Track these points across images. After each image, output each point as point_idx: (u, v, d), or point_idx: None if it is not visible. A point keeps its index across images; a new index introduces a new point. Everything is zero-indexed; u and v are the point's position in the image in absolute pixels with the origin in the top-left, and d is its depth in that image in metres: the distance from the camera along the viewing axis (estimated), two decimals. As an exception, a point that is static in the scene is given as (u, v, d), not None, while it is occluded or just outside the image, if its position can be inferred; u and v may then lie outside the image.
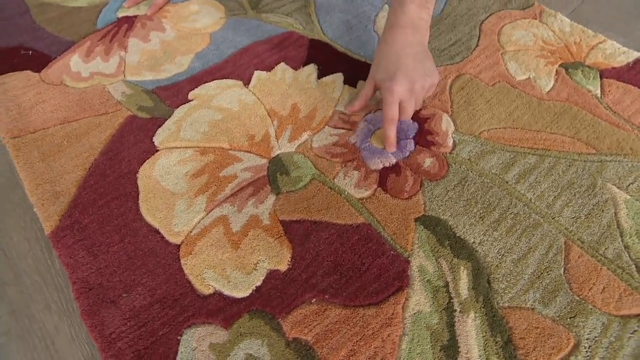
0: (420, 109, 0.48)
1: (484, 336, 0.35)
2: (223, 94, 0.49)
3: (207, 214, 0.40)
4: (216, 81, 0.50)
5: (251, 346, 0.34)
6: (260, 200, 0.41)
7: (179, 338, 0.34)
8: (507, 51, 0.53)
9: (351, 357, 0.34)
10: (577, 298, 0.37)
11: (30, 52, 0.50)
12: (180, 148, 0.45)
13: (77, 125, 0.45)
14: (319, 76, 0.51)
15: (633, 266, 0.38)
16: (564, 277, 0.38)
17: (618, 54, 0.54)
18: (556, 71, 0.52)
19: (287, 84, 0.50)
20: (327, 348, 0.34)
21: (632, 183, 0.43)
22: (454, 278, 0.37)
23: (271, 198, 0.42)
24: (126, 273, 0.37)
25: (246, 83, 0.51)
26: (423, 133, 0.46)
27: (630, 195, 0.42)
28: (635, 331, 0.35)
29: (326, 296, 0.36)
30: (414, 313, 0.36)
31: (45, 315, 0.35)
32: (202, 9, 0.59)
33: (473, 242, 0.39)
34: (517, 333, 0.35)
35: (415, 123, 0.47)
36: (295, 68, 0.52)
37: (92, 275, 0.36)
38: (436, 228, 0.40)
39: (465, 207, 0.41)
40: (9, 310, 0.35)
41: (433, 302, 0.36)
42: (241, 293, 0.36)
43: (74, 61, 0.50)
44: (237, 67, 0.52)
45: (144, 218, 0.40)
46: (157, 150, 0.44)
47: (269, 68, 0.52)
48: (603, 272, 0.38)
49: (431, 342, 0.34)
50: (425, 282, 0.37)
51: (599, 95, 0.50)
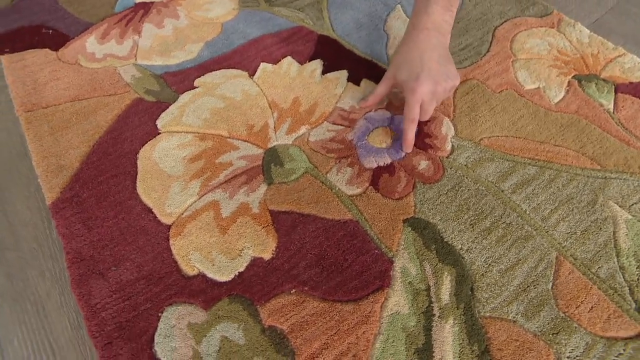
0: (421, 111, 0.48)
1: (461, 344, 0.35)
2: (228, 83, 0.50)
3: (200, 198, 0.42)
4: (222, 70, 0.52)
5: (227, 329, 0.35)
6: (252, 188, 0.43)
7: (160, 314, 0.35)
8: (519, 59, 0.53)
9: (324, 351, 0.34)
10: (562, 315, 0.36)
11: (50, 31, 0.53)
12: (181, 132, 0.46)
13: (87, 103, 0.47)
14: (324, 72, 0.52)
15: (626, 288, 0.37)
16: (551, 292, 0.37)
17: (638, 69, 0.53)
18: (568, 82, 0.51)
19: (291, 78, 0.51)
20: (301, 339, 0.35)
21: (636, 203, 0.42)
22: (437, 283, 0.37)
23: (263, 188, 0.43)
24: (117, 248, 0.38)
25: (251, 74, 0.52)
26: (421, 135, 0.46)
27: (632, 215, 0.41)
28: (620, 354, 0.35)
29: (306, 288, 0.37)
30: (392, 313, 0.36)
31: (39, 281, 0.37)
32: (218, -1, 0.61)
33: (460, 249, 0.39)
34: (496, 344, 0.35)
35: (414, 125, 0.47)
36: (301, 62, 0.53)
37: (85, 247, 0.38)
38: (424, 231, 0.40)
39: (456, 213, 0.41)
40: (6, 273, 0.38)
41: (412, 305, 0.36)
42: (224, 277, 0.38)
43: (90, 42, 0.53)
44: (245, 58, 0.53)
45: (140, 197, 0.42)
46: (159, 133, 0.46)
47: (276, 61, 0.53)
48: (593, 291, 0.37)
49: (406, 344, 0.34)
50: (406, 284, 0.37)
51: (612, 110, 0.49)
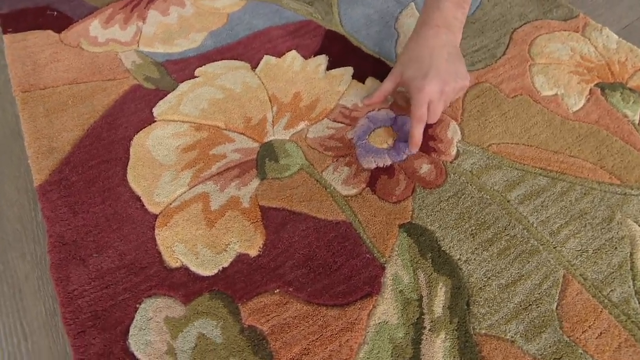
0: (427, 113, 0.47)
1: (451, 360, 0.33)
2: (228, 74, 0.51)
3: (190, 189, 0.42)
4: (224, 61, 0.52)
5: (205, 326, 0.35)
6: (244, 182, 0.42)
7: (138, 306, 0.35)
8: (537, 63, 0.51)
9: (304, 356, 0.33)
10: (567, 339, 0.34)
11: (55, 13, 0.54)
12: (177, 122, 0.47)
13: (85, 87, 0.48)
14: (329, 68, 0.52)
15: (641, 315, 0.35)
16: (556, 313, 0.35)
17: (668, 80, 0.51)
18: (590, 90, 0.49)
19: (294, 72, 0.51)
20: (281, 342, 0.34)
21: (657, 223, 0.40)
22: (430, 293, 0.36)
23: (255, 182, 0.42)
24: (101, 234, 0.39)
25: (254, 66, 0.52)
26: (425, 138, 0.45)
27: (652, 235, 0.39)
28: (628, 387, 0.33)
29: (290, 289, 0.36)
30: (379, 322, 0.35)
31: (19, 263, 0.38)
32: (227, -10, 0.61)
33: (458, 259, 0.38)
34: (490, 364, 0.33)
35: (419, 126, 0.46)
36: (306, 57, 0.53)
37: (69, 231, 0.39)
38: (420, 238, 0.39)
39: (456, 221, 0.40)
40: (-11, 252, 0.38)
41: (402, 315, 0.35)
42: (207, 271, 0.37)
43: (94, 26, 0.54)
44: (248, 50, 0.53)
45: (129, 184, 0.42)
46: (155, 121, 0.47)
47: (280, 54, 0.53)
48: (603, 316, 0.35)
49: (392, 357, 0.33)
50: (397, 292, 0.36)
51: (637, 121, 0.47)
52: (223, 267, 0.38)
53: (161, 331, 0.34)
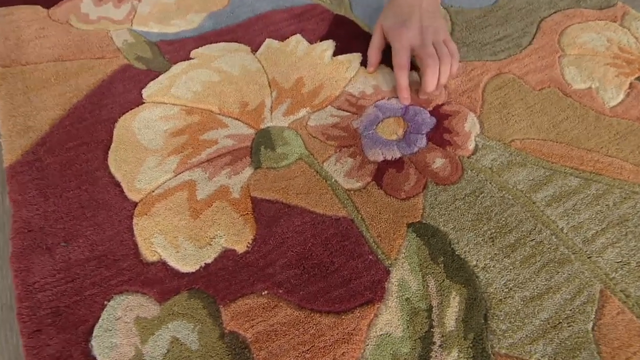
0: (442, 104, 0.44)
1: (465, 383, 0.29)
2: (226, 57, 0.48)
3: (175, 176, 0.39)
4: (223, 43, 0.50)
5: (180, 329, 0.31)
6: (235, 171, 0.39)
7: (106, 303, 0.32)
8: (568, 54, 0.48)
9: (292, 369, 0.30)
10: (605, 365, 0.30)
11: (46, -11, 0.53)
12: (167, 104, 0.44)
13: (70, 65, 0.46)
14: (335, 54, 0.49)
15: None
16: (592, 335, 0.31)
17: None
18: (630, 84, 0.46)
19: (298, 57, 0.49)
20: (266, 352, 0.30)
21: None
22: (441, 303, 0.32)
23: (248, 171, 0.39)
24: (72, 222, 0.36)
25: (254, 49, 0.50)
26: (440, 130, 0.42)
27: None
28: None
29: (280, 291, 0.33)
30: (381, 334, 0.31)
31: (-20, 249, 0.35)
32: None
33: (475, 266, 0.34)
34: (511, 389, 0.29)
35: (432, 117, 0.43)
36: (311, 41, 0.50)
37: (37, 217, 0.36)
38: (431, 239, 0.35)
39: (473, 223, 0.36)
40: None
41: (408, 327, 0.31)
42: (187, 267, 0.34)
43: (86, 2, 0.52)
44: (249, 33, 0.51)
45: (109, 168, 0.39)
46: (143, 102, 0.44)
47: (283, 38, 0.51)
48: (649, 340, 0.31)
49: (395, 375, 0.30)
50: (403, 300, 0.32)
51: (682, 121, 0.43)
52: (206, 263, 0.34)
53: (130, 333, 0.31)
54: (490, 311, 0.32)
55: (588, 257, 0.35)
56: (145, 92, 0.45)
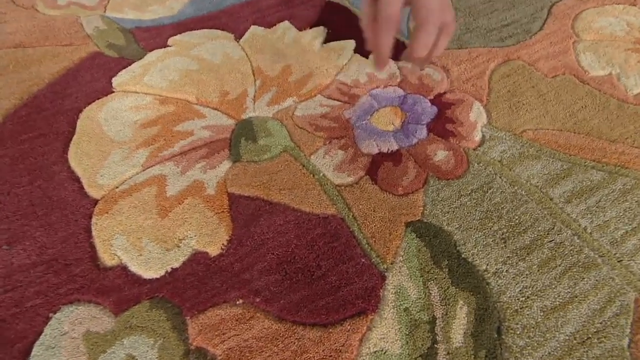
0: (444, 92, 0.41)
1: (475, 409, 0.25)
2: (207, 44, 0.46)
3: (144, 170, 0.36)
4: (204, 30, 0.48)
5: (138, 345, 0.27)
6: (211, 165, 0.36)
7: (51, 315, 0.29)
8: (583, 40, 0.45)
9: (269, 393, 0.26)
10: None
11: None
12: (139, 93, 0.41)
13: (32, 52, 0.44)
14: (327, 41, 0.47)
15: None
16: (628, 354, 0.27)
17: None
18: (651, 72, 0.43)
19: (285, 44, 0.46)
20: (239, 371, 0.27)
21: None
22: (446, 314, 0.29)
23: (225, 165, 0.36)
24: (20, 221, 0.33)
25: (238, 37, 0.47)
26: (442, 120, 0.39)
27: None
28: None
29: (257, 299, 0.29)
30: (376, 351, 0.27)
31: None
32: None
33: (485, 271, 0.30)
34: (530, 417, 0.25)
35: (433, 107, 0.40)
36: (300, 29, 0.48)
37: (-19, 214, 0.33)
38: (433, 240, 0.32)
39: (482, 221, 0.33)
40: None
41: (407, 342, 0.28)
42: (151, 272, 0.31)
43: (56, -12, 0.51)
44: (233, 19, 0.49)
45: (68, 162, 0.36)
46: (113, 92, 0.42)
47: (270, 25, 0.48)
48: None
49: (391, 399, 0.26)
50: (401, 311, 0.29)
51: None
52: (172, 268, 0.31)
53: (76, 351, 0.27)
54: (504, 324, 0.28)
55: (618, 261, 0.31)
56: (115, 81, 0.42)
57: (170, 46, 0.46)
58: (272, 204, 0.34)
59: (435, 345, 0.28)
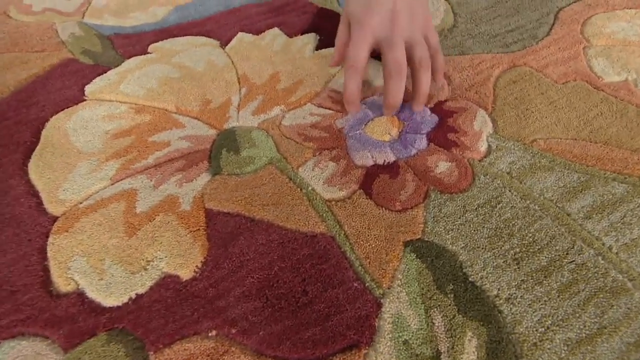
0: (445, 100, 0.39)
1: None
2: (190, 51, 0.45)
3: (113, 184, 0.34)
4: (188, 37, 0.46)
5: (90, 385, 0.24)
6: (188, 178, 0.34)
7: (-10, 349, 0.26)
8: (594, 45, 0.44)
9: None
10: None
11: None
12: (113, 102, 0.40)
13: None
14: (318, 48, 0.45)
15: None
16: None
17: None
18: (670, 78, 0.41)
19: (274, 51, 0.45)
20: (207, 418, 0.23)
21: None
22: (453, 348, 0.26)
23: (204, 178, 0.34)
24: (-33, 240, 0.30)
25: (224, 44, 0.46)
26: (443, 129, 0.37)
27: None
28: None
29: (233, 331, 0.26)
30: (370, 392, 0.24)
31: None
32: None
33: (496, 296, 0.28)
34: None
35: (433, 115, 0.38)
36: (290, 35, 0.47)
37: None
38: (436, 261, 0.29)
39: (491, 240, 0.30)
40: None
41: (407, 381, 0.24)
42: (111, 299, 0.28)
43: (31, -6, 0.50)
44: (220, 26, 0.48)
45: (28, 175, 0.34)
46: (85, 100, 0.40)
47: (259, 32, 0.47)
48: None
49: None
50: (399, 344, 0.26)
51: None
52: (137, 294, 0.28)
53: (18, 392, 0.24)
54: (521, 359, 0.25)
55: (650, 286, 0.28)
56: (88, 89, 0.41)
57: (150, 53, 0.45)
58: (254, 221, 0.31)
59: (440, 385, 0.25)
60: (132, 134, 0.37)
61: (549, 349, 0.26)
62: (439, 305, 0.27)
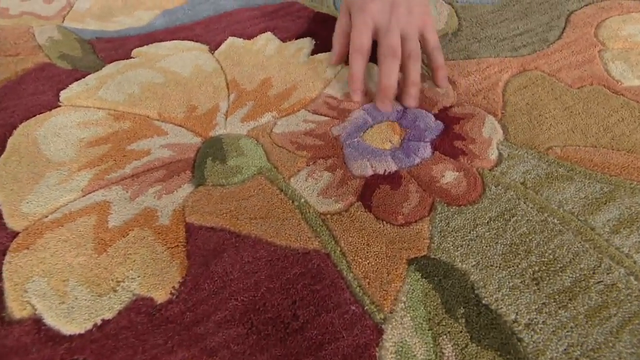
0: (450, 106, 0.38)
1: None
2: (176, 56, 0.43)
3: (84, 196, 0.32)
4: (175, 41, 0.45)
5: None
6: (168, 189, 0.32)
7: None
8: (610, 48, 0.43)
9: None
10: None
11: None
12: (90, 108, 0.38)
13: (-29, 62, 0.41)
14: (314, 52, 0.44)
15: None
16: None
17: None
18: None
19: (267, 56, 0.44)
20: None
21: None
22: (465, 382, 0.23)
23: (186, 189, 0.32)
24: None
25: (213, 49, 0.45)
26: (449, 136, 0.35)
27: None
28: None
29: (211, 363, 0.24)
30: None
31: None
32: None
33: (514, 322, 0.25)
34: None
35: (438, 122, 0.36)
36: (285, 40, 0.46)
37: None
38: (444, 282, 0.27)
39: (505, 257, 0.28)
40: None
41: (413, 422, 0.22)
42: (73, 326, 0.25)
43: (10, -4, 0.49)
44: (209, 31, 0.47)
45: (-10, 186, 0.32)
46: (59, 106, 0.38)
47: (250, 37, 0.46)
48: None
49: None
50: (404, 378, 0.23)
51: None
52: (103, 320, 0.26)
53: None
54: (544, 396, 0.23)
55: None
56: (63, 94, 0.39)
57: (133, 58, 0.44)
58: (240, 237, 0.29)
59: None
60: (109, 142, 0.36)
61: (577, 384, 0.23)
62: (449, 331, 0.25)
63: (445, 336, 0.25)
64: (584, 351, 0.24)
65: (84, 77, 0.41)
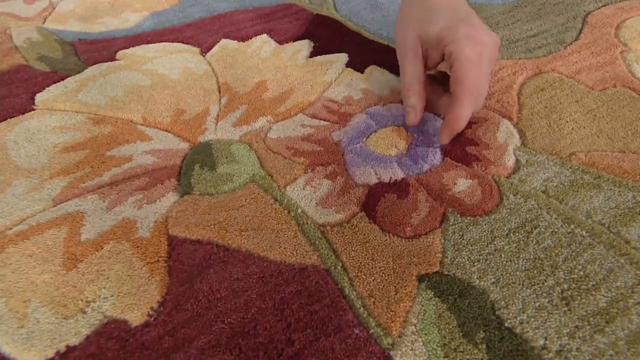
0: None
1: None
2: (164, 58, 0.42)
3: (55, 205, 0.30)
4: (164, 43, 0.44)
5: None
6: (150, 198, 0.30)
7: None
8: (634, 49, 0.41)
9: None
10: None
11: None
12: (68, 112, 0.37)
13: (-58, 64, 0.40)
14: (313, 55, 0.43)
15: None
16: None
17: None
18: None
19: (262, 58, 0.42)
20: None
21: None
22: (489, 419, 0.21)
23: (170, 198, 0.30)
24: None
25: (205, 51, 0.44)
26: (461, 142, 0.33)
27: None
28: None
29: (191, 396, 0.21)
30: None
31: None
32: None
33: (543, 348, 0.23)
34: None
35: (450, 125, 0.35)
36: (282, 42, 0.45)
37: None
38: (460, 301, 0.25)
39: (529, 273, 0.26)
40: None
41: None
42: (32, 354, 0.23)
43: (-12, -2, 0.49)
44: (201, 33, 0.46)
45: (-49, 196, 0.30)
46: (33, 110, 0.37)
47: (245, 39, 0.45)
48: None
49: None
50: (417, 414, 0.21)
51: None
52: (68, 346, 0.23)
53: None
54: None
55: None
56: (39, 97, 0.38)
57: (118, 60, 0.42)
58: (229, 251, 0.27)
59: None
60: (87, 148, 0.34)
61: (619, 421, 0.21)
62: (467, 357, 0.23)
63: (463, 364, 0.22)
64: (626, 382, 0.22)
65: (63, 80, 0.40)
